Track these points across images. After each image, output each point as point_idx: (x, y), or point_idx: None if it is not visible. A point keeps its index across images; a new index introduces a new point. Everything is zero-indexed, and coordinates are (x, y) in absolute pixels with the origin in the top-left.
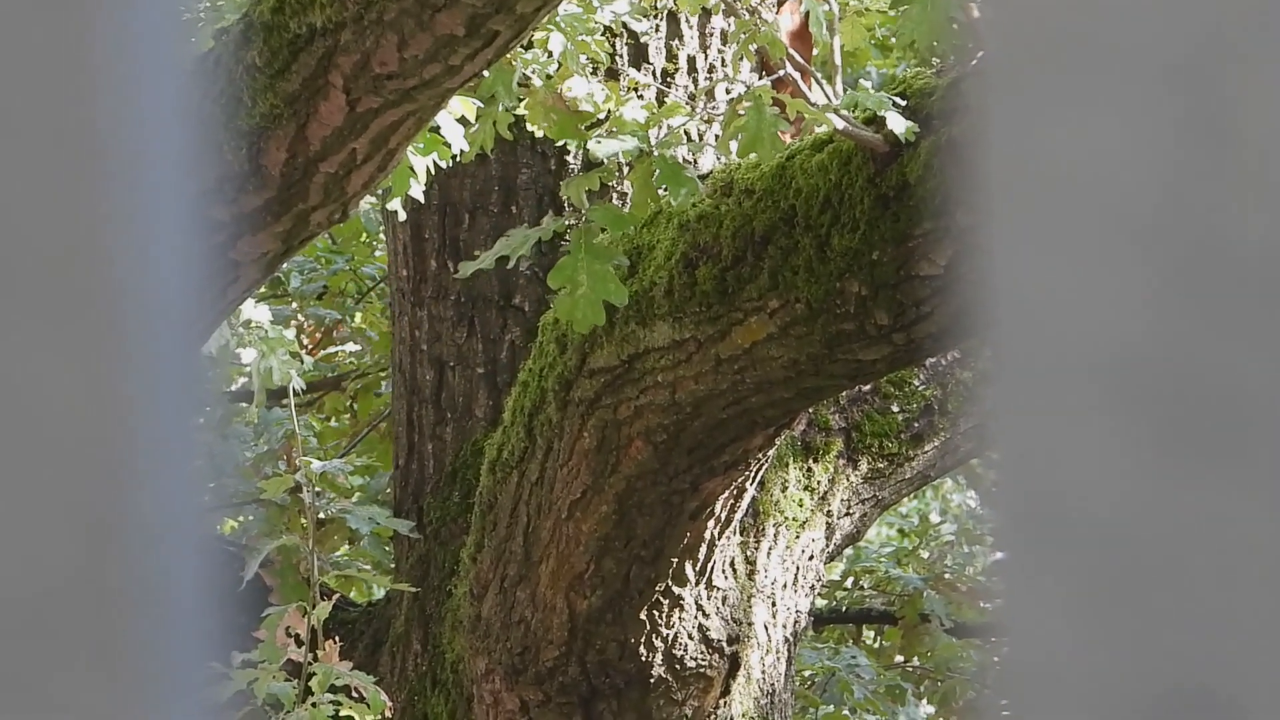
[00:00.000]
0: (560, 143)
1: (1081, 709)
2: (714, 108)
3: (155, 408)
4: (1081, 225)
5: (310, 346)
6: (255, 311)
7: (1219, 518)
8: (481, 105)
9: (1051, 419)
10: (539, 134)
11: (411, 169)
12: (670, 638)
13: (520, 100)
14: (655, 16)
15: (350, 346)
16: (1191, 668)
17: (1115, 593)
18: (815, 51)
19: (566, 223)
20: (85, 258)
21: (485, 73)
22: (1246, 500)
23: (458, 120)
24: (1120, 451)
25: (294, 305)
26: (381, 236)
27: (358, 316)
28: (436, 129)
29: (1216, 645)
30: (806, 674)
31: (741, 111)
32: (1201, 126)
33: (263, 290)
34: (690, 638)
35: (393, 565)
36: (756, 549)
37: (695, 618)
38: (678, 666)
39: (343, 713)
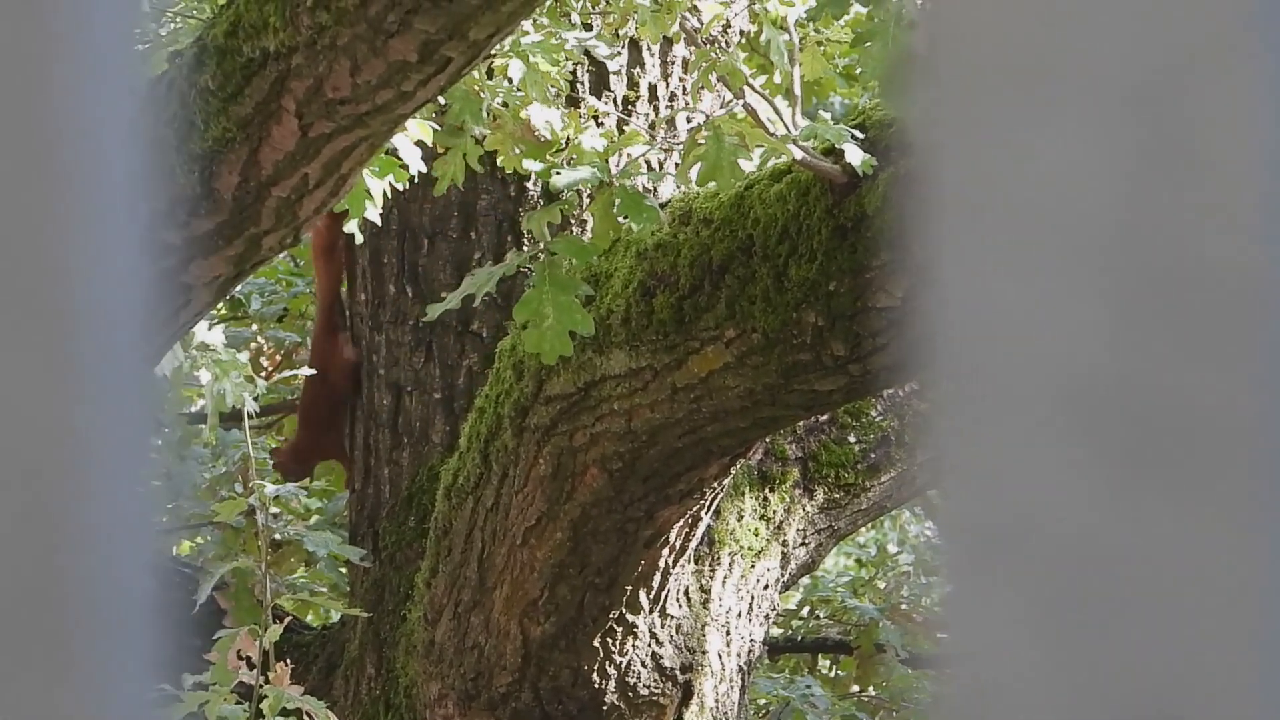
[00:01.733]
0: (523, 173)
1: None
2: (674, 137)
3: (106, 425)
4: (1039, 248)
5: (270, 369)
6: (209, 335)
7: (1176, 541)
8: (439, 129)
9: (1008, 442)
10: (499, 162)
11: (368, 192)
12: (624, 665)
13: (488, 131)
14: (618, 44)
15: (307, 371)
16: (1150, 692)
17: (1072, 617)
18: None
19: (528, 255)
20: (35, 275)
21: (440, 99)
22: (1204, 523)
23: (415, 144)
24: (1077, 475)
25: (254, 327)
26: None
27: None
28: (393, 151)
29: (1174, 668)
30: (761, 703)
31: (701, 141)
32: (1161, 150)
33: (223, 312)
34: (643, 665)
35: (349, 588)
36: (711, 577)
37: (649, 645)
38: (630, 694)
39: None
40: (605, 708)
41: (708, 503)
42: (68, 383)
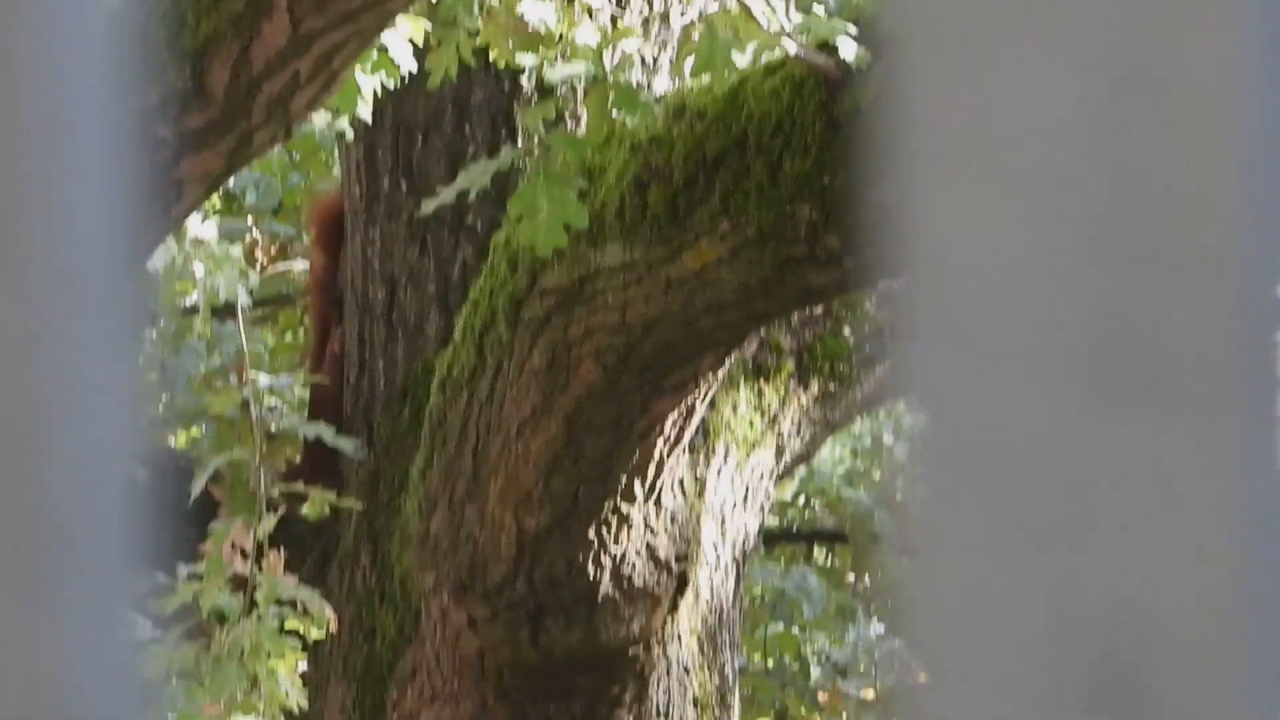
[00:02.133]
0: (516, 69)
1: (1005, 667)
2: (668, 31)
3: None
4: (1011, 173)
5: (265, 262)
6: (202, 229)
7: (1147, 463)
8: (431, 28)
9: (978, 361)
10: (492, 57)
11: (359, 89)
12: (618, 556)
13: (480, 25)
14: None
15: (301, 263)
16: (1119, 614)
17: (1041, 539)
18: None
19: (523, 151)
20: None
21: None
22: (1174, 446)
23: (407, 40)
24: (1047, 396)
25: (249, 220)
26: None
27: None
28: (385, 49)
29: (1143, 590)
30: (756, 593)
31: (695, 35)
32: (1131, 78)
33: (218, 205)
34: (638, 556)
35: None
36: (706, 468)
37: (643, 536)
38: (625, 584)
39: (288, 626)
40: (600, 598)
41: (702, 395)
42: (42, 270)
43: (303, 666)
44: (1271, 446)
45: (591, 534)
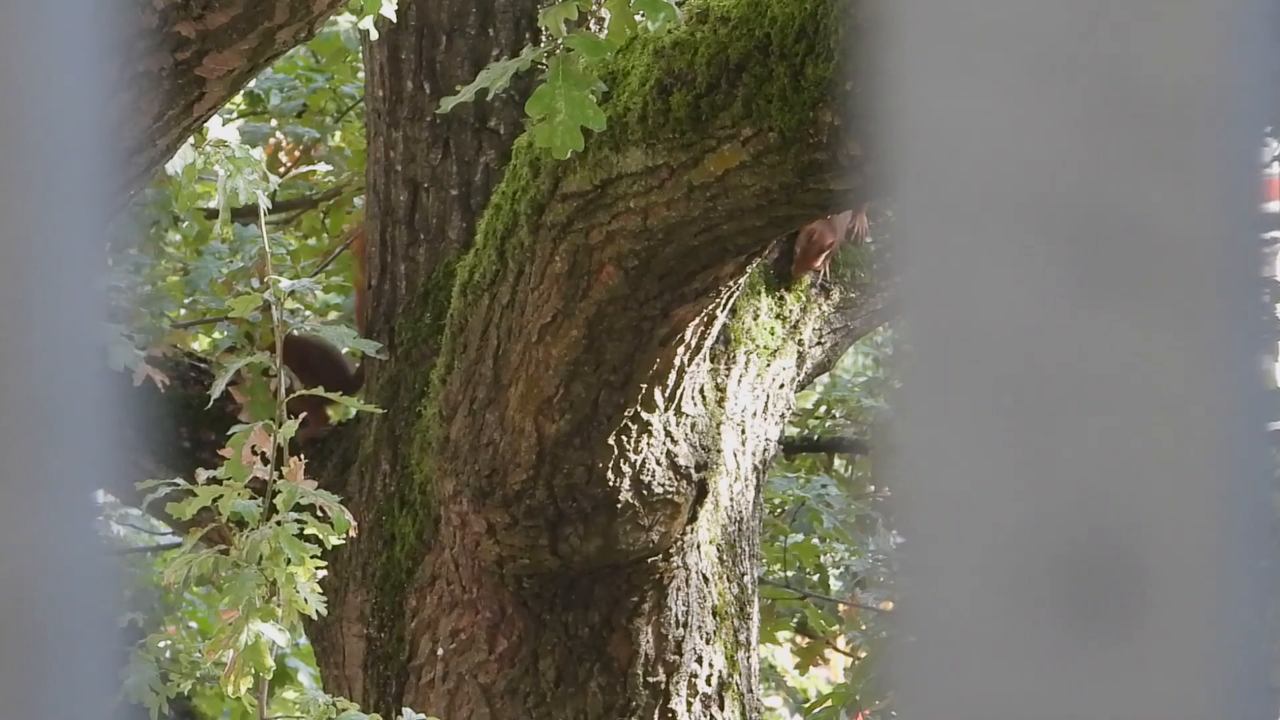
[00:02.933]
0: None
1: (985, 547)
2: None
3: (54, 222)
4: (999, 54)
5: (289, 164)
6: (223, 130)
7: (1132, 352)
8: None
9: (966, 251)
10: None
11: None
12: (638, 463)
13: None
14: None
15: (324, 166)
16: (1101, 503)
17: (1026, 426)
18: None
19: (544, 51)
20: None
21: None
22: (1160, 336)
23: None
24: (1034, 284)
25: (273, 123)
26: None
27: (336, 135)
28: None
29: (1126, 480)
30: (776, 502)
31: None
32: None
33: (241, 107)
34: (658, 464)
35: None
36: (727, 376)
37: (664, 444)
38: (645, 492)
39: (307, 531)
40: (619, 505)
41: (723, 301)
42: (14, 168)
43: (322, 573)
44: (1252, 334)
45: (611, 441)
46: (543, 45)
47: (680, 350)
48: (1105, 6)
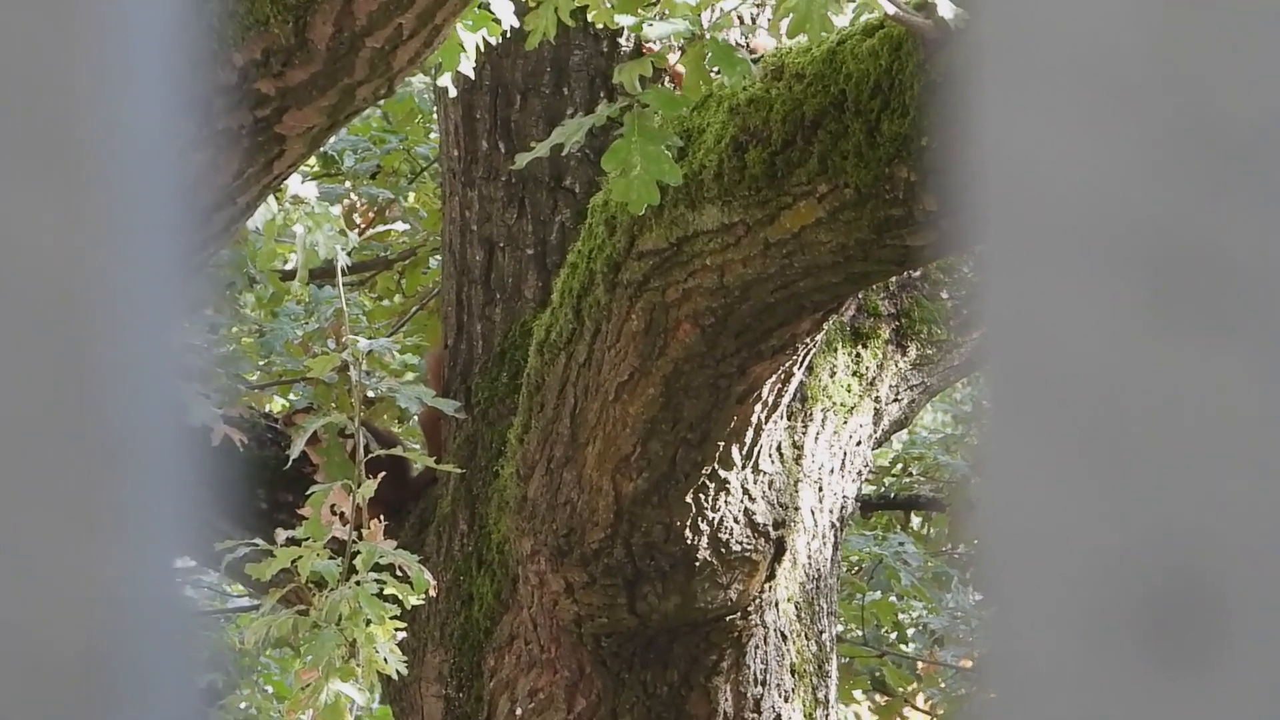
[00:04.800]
0: (614, 28)
1: (1067, 581)
2: None
3: (133, 266)
4: (1076, 88)
5: (362, 225)
6: (302, 188)
7: (1210, 387)
8: None
9: (1045, 286)
10: (590, 16)
11: (461, 45)
12: (716, 521)
13: None
14: None
15: (400, 226)
16: (1180, 538)
17: (1106, 462)
18: None
19: (619, 107)
20: (62, 111)
21: None
22: (1239, 369)
23: None
24: (1113, 318)
25: (347, 184)
26: (435, 117)
27: (410, 196)
28: (486, 5)
29: (1204, 515)
30: (853, 560)
31: None
32: None
33: (316, 169)
34: (736, 521)
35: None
36: (804, 433)
37: (741, 501)
38: (723, 550)
39: (386, 591)
40: (697, 564)
41: (800, 358)
42: (94, 223)
43: (401, 634)
44: None
45: (689, 499)
46: (618, 101)
47: (757, 408)
48: (1182, 40)
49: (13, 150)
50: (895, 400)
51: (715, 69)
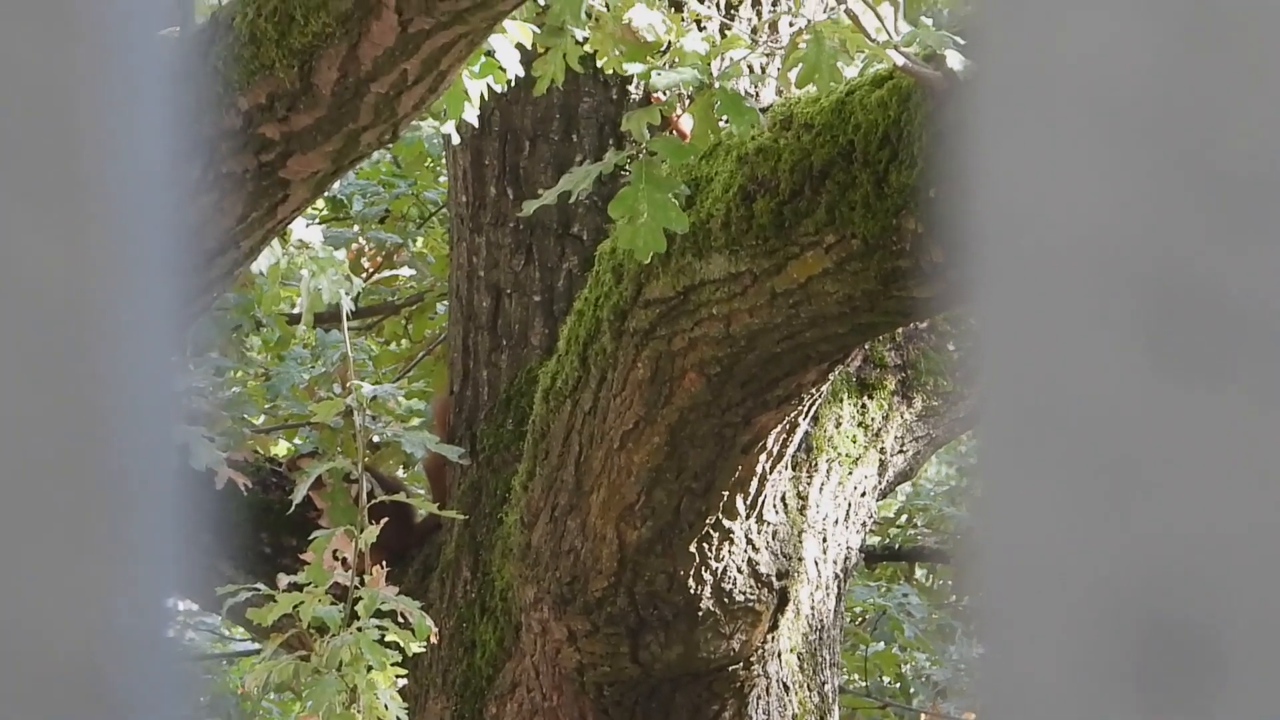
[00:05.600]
0: (623, 75)
1: (1063, 617)
2: (777, 41)
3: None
4: (1078, 125)
5: (371, 270)
6: (307, 232)
7: (1212, 425)
8: (538, 31)
9: (1047, 322)
10: (600, 64)
11: (466, 92)
12: (719, 571)
13: (588, 32)
14: None
15: (406, 271)
16: (1180, 577)
17: (1106, 498)
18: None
19: (627, 155)
20: (62, 150)
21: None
22: (1238, 407)
23: (515, 46)
24: (1115, 355)
25: (355, 228)
26: (444, 162)
27: (419, 241)
28: (492, 52)
29: (1206, 553)
30: (857, 611)
31: (802, 44)
32: (1201, 31)
33: (324, 212)
34: (739, 571)
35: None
36: (809, 484)
37: (745, 551)
38: (726, 600)
39: (388, 638)
40: (701, 613)
41: (806, 409)
42: (93, 261)
43: (402, 680)
44: None
45: (693, 548)
46: (626, 149)
47: (762, 457)
48: (1185, 81)
49: (15, 186)
50: (900, 452)
51: (723, 118)
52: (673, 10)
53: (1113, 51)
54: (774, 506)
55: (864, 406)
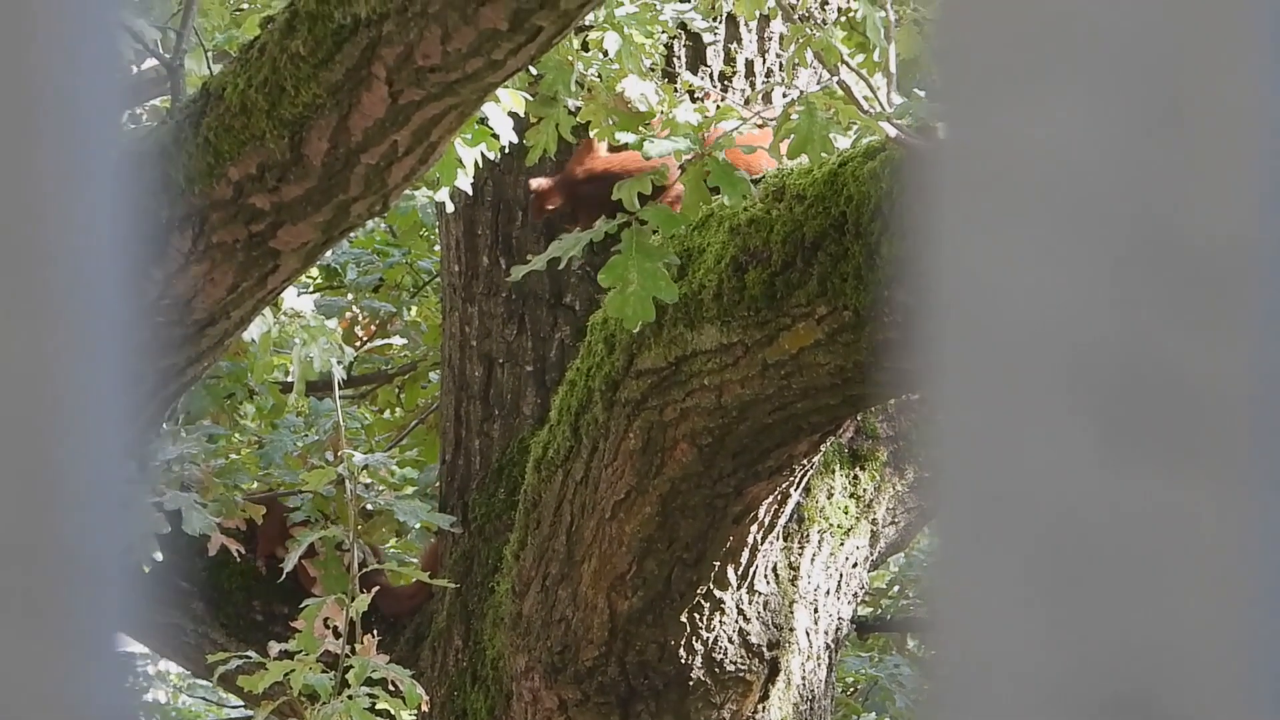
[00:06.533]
0: (615, 145)
1: (1022, 706)
2: (770, 112)
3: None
4: (1035, 216)
5: (364, 339)
6: (298, 301)
7: (1169, 512)
8: (531, 99)
9: (1003, 410)
10: (592, 134)
11: (459, 160)
12: (710, 641)
13: (581, 102)
14: (715, 19)
15: (399, 340)
16: (1139, 663)
17: (1064, 586)
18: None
19: (618, 224)
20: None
21: (532, 69)
22: (1194, 495)
23: (508, 114)
24: (1071, 443)
25: (350, 297)
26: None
27: (413, 310)
28: (485, 121)
29: (1164, 639)
30: (849, 681)
31: (794, 115)
32: (1158, 120)
33: (318, 281)
34: (730, 641)
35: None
36: (800, 554)
37: (736, 621)
38: (717, 670)
39: (379, 706)
40: (691, 683)
41: (797, 479)
42: (49, 340)
43: None
44: None
45: (684, 618)
46: (617, 218)
47: (754, 528)
48: (1142, 165)
49: None
50: (892, 523)
51: (715, 188)
52: (666, 81)
53: (1073, 139)
54: (765, 577)
55: (856, 478)
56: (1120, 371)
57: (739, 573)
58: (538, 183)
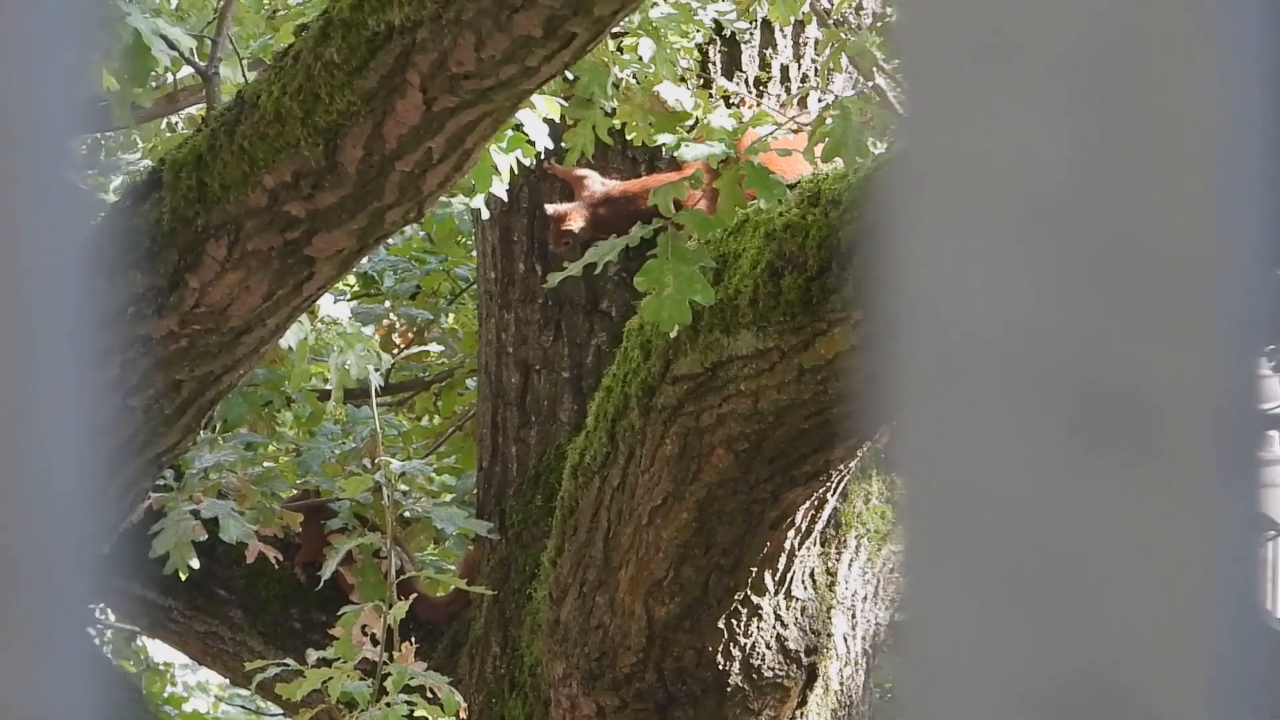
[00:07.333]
0: (652, 146)
1: (984, 704)
2: (805, 117)
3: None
4: (990, 218)
5: (402, 346)
6: (335, 308)
7: (1126, 515)
8: (565, 104)
9: (963, 416)
10: (629, 136)
11: (495, 167)
12: (748, 647)
13: (616, 104)
14: (751, 22)
15: (435, 347)
16: (1098, 665)
17: (1023, 590)
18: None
19: (653, 228)
20: None
21: (567, 74)
22: (1152, 497)
23: (543, 121)
24: (1029, 448)
25: (387, 304)
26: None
27: (450, 317)
28: (519, 127)
29: (1123, 641)
30: (886, 686)
31: (829, 120)
32: (1112, 122)
33: (355, 289)
34: (768, 647)
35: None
36: (838, 560)
37: (773, 627)
38: (755, 676)
39: (417, 713)
40: (729, 689)
41: (834, 485)
42: (12, 349)
43: None
44: (1249, 501)
45: (721, 624)
46: (653, 223)
47: (790, 533)
48: (1103, 162)
49: None
50: None
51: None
52: (701, 87)
53: (1032, 148)
54: (803, 582)
55: (893, 482)
56: (1081, 376)
57: (776, 578)
58: (554, 208)
